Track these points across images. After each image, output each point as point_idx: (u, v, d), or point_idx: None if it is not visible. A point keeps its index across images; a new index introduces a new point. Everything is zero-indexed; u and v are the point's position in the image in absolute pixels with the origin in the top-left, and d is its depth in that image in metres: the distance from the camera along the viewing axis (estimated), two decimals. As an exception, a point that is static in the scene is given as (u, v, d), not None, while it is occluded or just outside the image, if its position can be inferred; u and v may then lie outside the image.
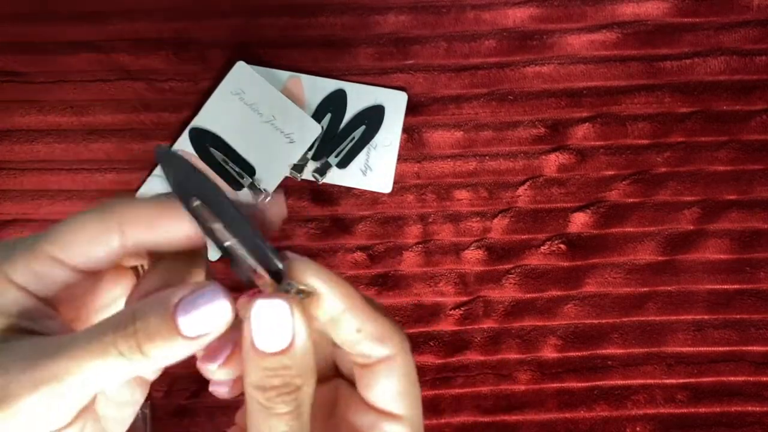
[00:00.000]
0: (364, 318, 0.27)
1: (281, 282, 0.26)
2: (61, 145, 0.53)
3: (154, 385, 0.47)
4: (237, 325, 0.25)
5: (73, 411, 0.24)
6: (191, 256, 0.27)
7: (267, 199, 0.24)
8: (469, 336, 0.53)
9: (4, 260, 0.25)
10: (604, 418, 0.53)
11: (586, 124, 0.53)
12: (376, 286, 0.53)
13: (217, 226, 0.25)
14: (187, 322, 0.24)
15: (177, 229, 0.26)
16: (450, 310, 0.53)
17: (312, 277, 0.26)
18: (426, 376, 0.53)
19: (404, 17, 0.53)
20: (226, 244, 0.25)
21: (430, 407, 0.53)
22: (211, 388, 0.28)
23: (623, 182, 0.53)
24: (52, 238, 0.25)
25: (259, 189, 0.52)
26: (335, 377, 0.31)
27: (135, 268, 0.29)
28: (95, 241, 0.25)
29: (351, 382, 0.29)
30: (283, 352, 0.25)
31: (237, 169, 0.52)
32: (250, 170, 0.52)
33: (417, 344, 0.53)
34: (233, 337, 0.26)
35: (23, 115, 0.53)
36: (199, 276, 0.27)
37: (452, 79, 0.53)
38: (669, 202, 0.53)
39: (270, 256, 0.25)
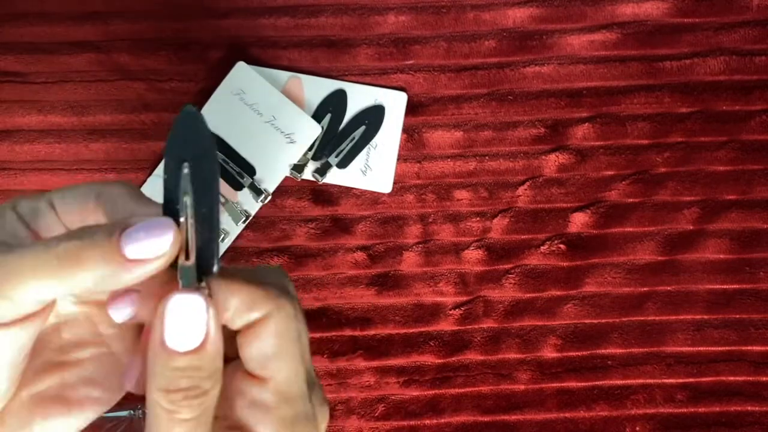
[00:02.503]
0: (241, 291, 0.25)
1: (199, 281, 0.25)
2: (61, 145, 0.53)
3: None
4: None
5: (14, 312, 0.25)
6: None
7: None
8: (469, 336, 0.53)
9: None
10: (603, 417, 0.53)
11: (586, 124, 0.53)
12: (376, 286, 0.53)
13: (187, 200, 0.25)
14: (131, 248, 0.24)
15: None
16: (450, 310, 0.53)
17: (232, 298, 0.25)
18: (426, 376, 0.53)
19: (404, 17, 0.53)
20: (182, 219, 0.25)
21: (430, 407, 0.53)
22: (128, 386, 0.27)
23: (623, 182, 0.53)
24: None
25: (260, 189, 0.52)
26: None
27: None
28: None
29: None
30: (195, 351, 0.24)
31: (237, 169, 0.52)
32: (251, 170, 0.52)
33: (417, 344, 0.53)
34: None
35: (23, 115, 0.53)
36: None
37: (452, 79, 0.53)
38: (669, 202, 0.53)
39: (214, 255, 0.25)
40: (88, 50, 0.53)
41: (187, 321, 0.24)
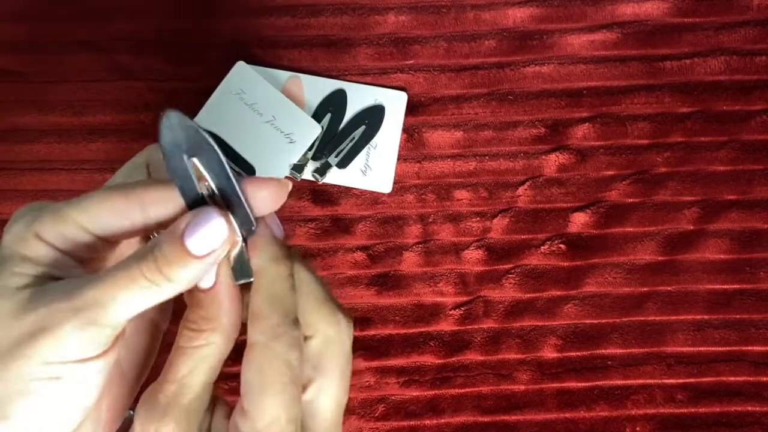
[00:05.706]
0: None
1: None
2: (61, 145, 0.53)
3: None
4: None
5: (109, 337, 0.26)
6: None
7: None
8: (469, 336, 0.53)
9: (33, 220, 0.27)
10: (603, 418, 0.53)
11: (586, 124, 0.53)
12: (376, 286, 0.53)
13: (209, 183, 0.28)
14: (193, 242, 0.26)
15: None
16: (450, 310, 0.53)
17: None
18: (426, 376, 0.53)
19: (404, 17, 0.53)
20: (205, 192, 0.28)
21: (430, 407, 0.53)
22: None
23: (623, 182, 0.53)
24: (80, 207, 0.27)
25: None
26: None
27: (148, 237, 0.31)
28: (119, 215, 0.27)
29: None
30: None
31: (237, 169, 0.52)
32: (250, 170, 0.52)
33: (417, 344, 0.53)
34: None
35: (23, 115, 0.53)
36: None
37: (452, 79, 0.53)
38: (669, 202, 0.53)
39: (249, 215, 0.28)
40: (88, 50, 0.53)
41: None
